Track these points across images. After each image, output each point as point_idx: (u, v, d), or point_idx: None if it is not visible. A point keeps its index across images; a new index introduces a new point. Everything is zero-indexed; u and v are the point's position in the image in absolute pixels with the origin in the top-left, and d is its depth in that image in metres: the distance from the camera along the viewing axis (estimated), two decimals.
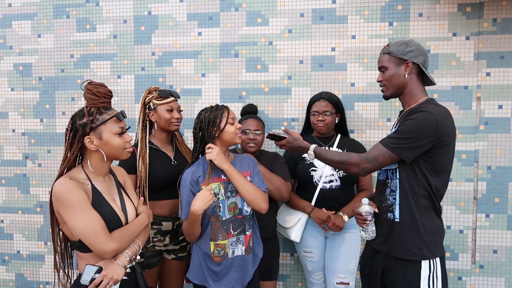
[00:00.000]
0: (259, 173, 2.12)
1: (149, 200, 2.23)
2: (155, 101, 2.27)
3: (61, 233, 1.68)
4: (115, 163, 2.42)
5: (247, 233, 2.04)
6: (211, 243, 2.01)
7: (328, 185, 2.45)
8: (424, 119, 1.71)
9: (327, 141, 2.54)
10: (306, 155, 1.97)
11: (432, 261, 1.79)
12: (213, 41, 2.86)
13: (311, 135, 2.61)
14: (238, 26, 2.83)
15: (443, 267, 1.82)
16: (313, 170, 2.47)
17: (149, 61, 2.93)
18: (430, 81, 1.88)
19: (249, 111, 2.59)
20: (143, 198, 1.88)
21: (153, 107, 2.28)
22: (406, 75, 1.82)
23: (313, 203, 2.46)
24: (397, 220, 1.82)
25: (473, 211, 2.67)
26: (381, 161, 1.79)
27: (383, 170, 1.91)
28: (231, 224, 2.01)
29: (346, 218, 2.41)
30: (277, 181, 2.32)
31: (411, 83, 1.84)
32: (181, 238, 2.35)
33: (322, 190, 2.45)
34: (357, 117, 2.75)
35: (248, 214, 2.05)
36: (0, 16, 3.06)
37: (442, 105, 1.81)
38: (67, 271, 1.74)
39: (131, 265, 1.66)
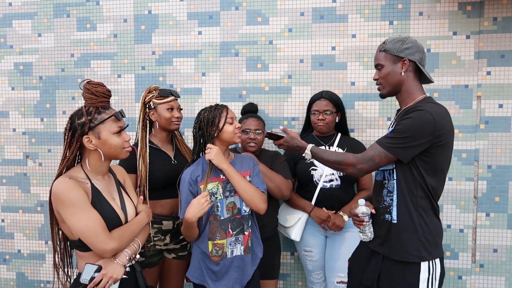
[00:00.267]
0: (259, 173, 2.11)
1: (150, 199, 2.23)
2: (155, 100, 2.28)
3: (60, 232, 1.68)
4: (115, 163, 2.42)
5: (246, 233, 2.04)
6: (209, 243, 2.01)
7: (328, 185, 2.45)
8: (421, 118, 1.67)
9: (327, 140, 2.54)
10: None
11: (431, 262, 1.75)
12: (213, 40, 2.86)
13: (311, 134, 2.61)
14: (238, 25, 2.83)
15: (442, 268, 1.79)
16: (313, 169, 2.47)
17: (149, 60, 2.93)
18: (427, 79, 1.83)
19: (249, 110, 2.58)
20: (142, 197, 1.88)
21: (153, 106, 2.28)
22: (402, 73, 1.78)
23: (313, 202, 2.46)
24: (395, 221, 1.78)
25: (474, 210, 2.67)
26: (378, 161, 1.75)
27: (380, 170, 1.88)
28: (229, 223, 2.01)
29: (346, 217, 2.41)
30: (278, 179, 2.32)
31: (408, 81, 1.80)
32: (182, 237, 2.35)
33: (322, 189, 2.45)
34: (357, 116, 2.75)
35: (246, 214, 2.05)
36: (0, 15, 3.06)
37: (440, 104, 1.77)
38: (66, 270, 1.74)
39: (130, 264, 1.66)
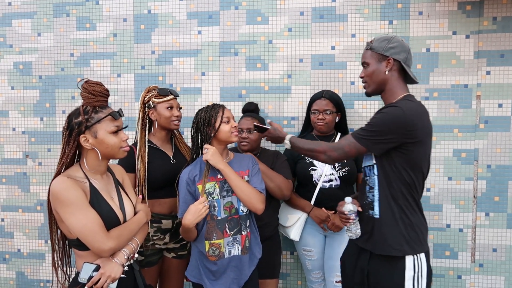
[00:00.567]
0: (258, 173, 2.11)
1: (149, 198, 2.23)
2: (154, 100, 2.28)
3: (59, 231, 1.68)
4: (115, 162, 2.42)
5: (243, 233, 2.03)
6: (206, 242, 2.01)
7: (327, 184, 2.45)
8: (392, 113, 1.70)
9: (327, 140, 2.54)
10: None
11: (416, 258, 1.76)
12: (213, 39, 2.86)
13: (311, 134, 2.60)
14: (238, 24, 2.82)
15: (429, 266, 1.80)
16: (313, 169, 2.47)
17: (149, 59, 2.93)
18: (412, 79, 1.83)
19: (247, 110, 2.59)
20: (141, 196, 1.88)
21: (152, 106, 2.28)
22: (387, 72, 1.79)
23: (313, 202, 2.46)
24: (377, 216, 1.81)
25: (473, 210, 2.67)
26: (347, 150, 1.79)
27: (363, 167, 1.91)
28: (226, 223, 2.01)
29: None
30: (278, 179, 2.32)
31: (391, 80, 1.81)
32: (181, 236, 2.35)
33: (321, 189, 2.45)
34: (357, 116, 2.75)
35: (244, 214, 2.04)
36: (0, 14, 3.07)
37: (418, 102, 1.78)
38: (65, 269, 1.74)
39: (129, 263, 1.66)
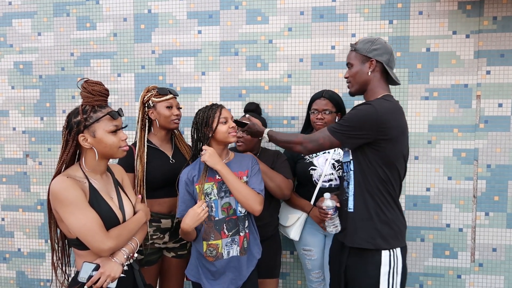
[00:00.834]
0: (258, 174, 2.10)
1: (148, 198, 2.23)
2: (154, 99, 2.28)
3: (58, 231, 1.69)
4: (114, 162, 2.43)
5: (241, 234, 2.03)
6: (204, 243, 2.02)
7: (327, 184, 2.45)
8: (364, 110, 1.77)
9: None
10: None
11: (392, 253, 1.79)
12: (213, 39, 2.86)
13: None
14: (238, 24, 2.83)
15: (404, 263, 1.84)
16: (313, 169, 2.47)
17: (149, 59, 2.93)
18: (393, 81, 1.90)
19: (248, 110, 2.59)
20: (141, 196, 1.89)
21: (152, 105, 2.28)
22: (369, 73, 1.86)
23: (313, 202, 2.45)
24: (351, 210, 1.87)
25: (473, 210, 2.67)
26: (321, 142, 1.86)
27: (342, 163, 1.97)
28: (224, 224, 2.01)
29: None
30: (278, 178, 2.32)
31: (373, 81, 1.87)
32: (181, 236, 2.36)
33: (321, 189, 2.44)
34: None
35: (242, 214, 2.04)
36: (0, 14, 3.07)
37: (394, 101, 1.84)
38: (64, 268, 1.74)
39: (128, 262, 1.66)
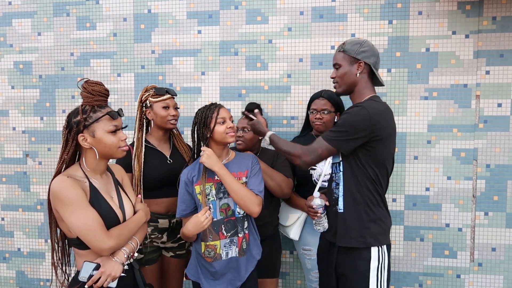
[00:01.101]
0: (258, 174, 2.08)
1: (145, 198, 2.22)
2: (151, 99, 2.27)
3: (59, 230, 1.69)
4: (113, 162, 2.43)
5: (240, 235, 2.03)
6: (202, 244, 2.02)
7: (327, 184, 2.45)
8: (357, 113, 1.80)
9: None
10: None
11: (380, 249, 1.86)
12: (213, 39, 2.86)
13: (311, 133, 2.60)
14: (237, 24, 2.83)
15: (389, 257, 1.90)
16: (312, 168, 2.46)
17: (149, 59, 2.93)
18: (379, 82, 1.95)
19: (248, 110, 2.59)
20: (140, 195, 1.89)
21: (149, 105, 2.28)
22: (357, 74, 1.90)
23: None
24: (341, 211, 1.91)
25: (472, 209, 2.67)
26: (320, 153, 1.87)
27: (331, 164, 2.00)
28: (222, 225, 2.00)
29: None
30: (279, 177, 2.32)
31: (361, 82, 1.92)
32: (179, 236, 2.35)
33: (321, 188, 2.44)
34: None
35: (241, 215, 2.03)
36: (0, 14, 3.07)
37: (382, 102, 1.89)
38: (65, 268, 1.75)
39: (129, 262, 1.67)
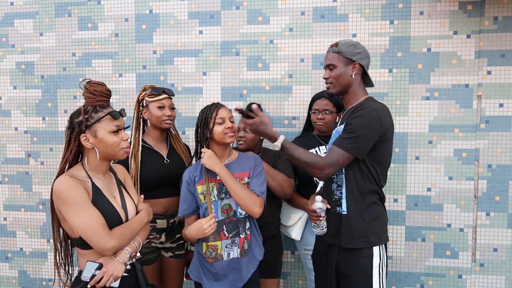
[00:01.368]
0: (260, 175, 2.07)
1: None
2: (147, 99, 2.27)
3: (61, 230, 1.69)
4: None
5: (241, 235, 2.02)
6: (203, 244, 2.02)
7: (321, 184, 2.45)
8: (370, 115, 1.82)
9: (327, 140, 2.53)
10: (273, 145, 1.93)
11: (381, 247, 1.91)
12: (214, 39, 2.86)
13: (312, 134, 2.61)
14: (239, 24, 2.83)
15: (387, 252, 1.96)
16: None
17: (151, 59, 2.94)
18: (370, 83, 2.02)
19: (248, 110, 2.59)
20: (143, 196, 1.89)
21: (145, 105, 2.28)
22: (353, 75, 1.93)
23: None
24: (345, 213, 1.92)
25: (474, 210, 2.67)
26: (341, 163, 1.86)
27: None
28: (224, 226, 2.00)
29: None
30: (280, 177, 2.32)
31: (355, 83, 1.95)
32: (178, 236, 2.35)
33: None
34: None
35: (242, 216, 2.03)
36: (2, 14, 3.08)
37: (381, 102, 1.93)
38: (67, 268, 1.75)
39: (131, 262, 1.67)
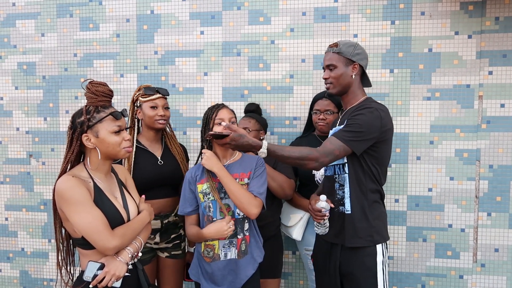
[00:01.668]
0: (261, 176, 2.06)
1: None
2: (141, 99, 2.27)
3: (63, 230, 1.70)
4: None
5: (239, 236, 2.01)
6: (202, 243, 2.03)
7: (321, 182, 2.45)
8: (372, 114, 1.86)
9: None
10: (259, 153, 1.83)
11: (383, 244, 1.95)
12: (216, 40, 2.87)
13: (313, 134, 2.61)
14: (240, 25, 2.83)
15: (387, 250, 2.01)
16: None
17: (152, 60, 2.94)
18: (368, 83, 2.04)
19: (248, 110, 2.61)
20: (144, 196, 1.89)
21: (139, 105, 2.28)
22: (353, 76, 1.96)
23: None
24: (348, 212, 1.94)
25: (475, 210, 2.67)
26: (337, 154, 1.86)
27: (331, 165, 2.02)
28: None
29: None
30: (280, 178, 2.33)
31: (355, 83, 1.99)
32: (173, 236, 2.35)
33: None
34: None
35: (240, 217, 2.02)
36: (4, 15, 3.08)
37: (381, 103, 1.97)
38: (69, 268, 1.76)
39: (133, 261, 1.67)
